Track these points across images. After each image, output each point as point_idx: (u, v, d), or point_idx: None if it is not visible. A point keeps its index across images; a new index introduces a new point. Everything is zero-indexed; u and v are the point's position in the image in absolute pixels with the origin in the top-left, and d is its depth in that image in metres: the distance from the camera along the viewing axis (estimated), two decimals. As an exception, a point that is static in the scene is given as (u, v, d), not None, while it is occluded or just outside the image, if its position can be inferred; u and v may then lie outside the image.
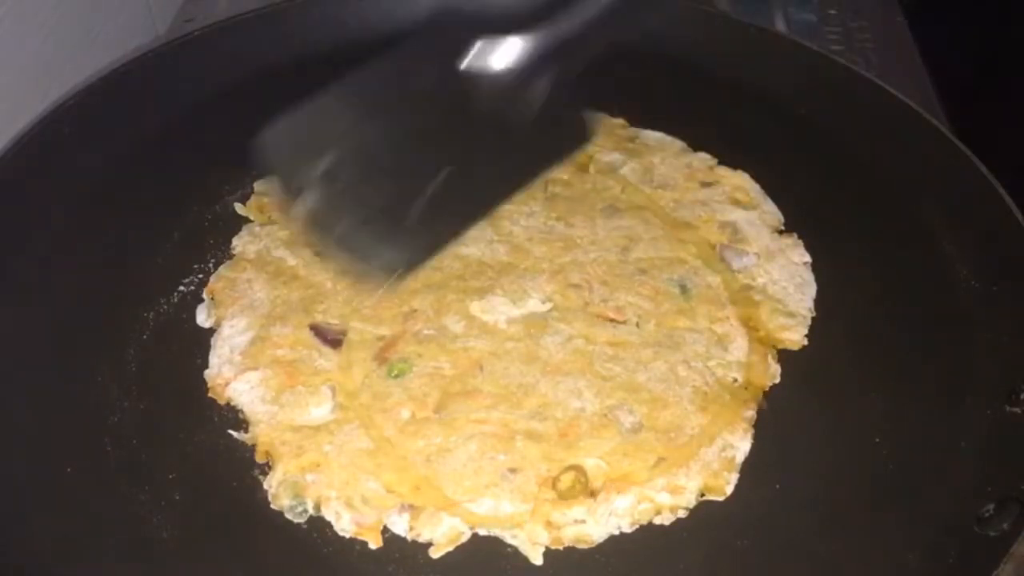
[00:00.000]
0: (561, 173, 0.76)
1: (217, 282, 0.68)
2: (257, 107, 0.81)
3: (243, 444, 0.60)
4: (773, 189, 0.77)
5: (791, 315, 0.67)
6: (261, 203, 0.75)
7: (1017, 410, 0.60)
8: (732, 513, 0.57)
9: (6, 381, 0.61)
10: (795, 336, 0.66)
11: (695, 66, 0.87)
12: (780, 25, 1.05)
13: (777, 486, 0.58)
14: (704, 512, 0.57)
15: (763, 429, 0.61)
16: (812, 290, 0.69)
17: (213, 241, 0.72)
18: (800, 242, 0.73)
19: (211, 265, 0.71)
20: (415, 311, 0.65)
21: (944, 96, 0.92)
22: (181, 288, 0.69)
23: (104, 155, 0.76)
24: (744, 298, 0.68)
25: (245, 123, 0.80)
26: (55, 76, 0.84)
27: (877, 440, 0.60)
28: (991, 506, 0.55)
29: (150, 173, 0.76)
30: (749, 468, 0.59)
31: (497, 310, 0.66)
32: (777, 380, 0.64)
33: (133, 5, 0.97)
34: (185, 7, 1.07)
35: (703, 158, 0.79)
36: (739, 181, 0.76)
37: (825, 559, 0.55)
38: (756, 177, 0.77)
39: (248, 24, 0.86)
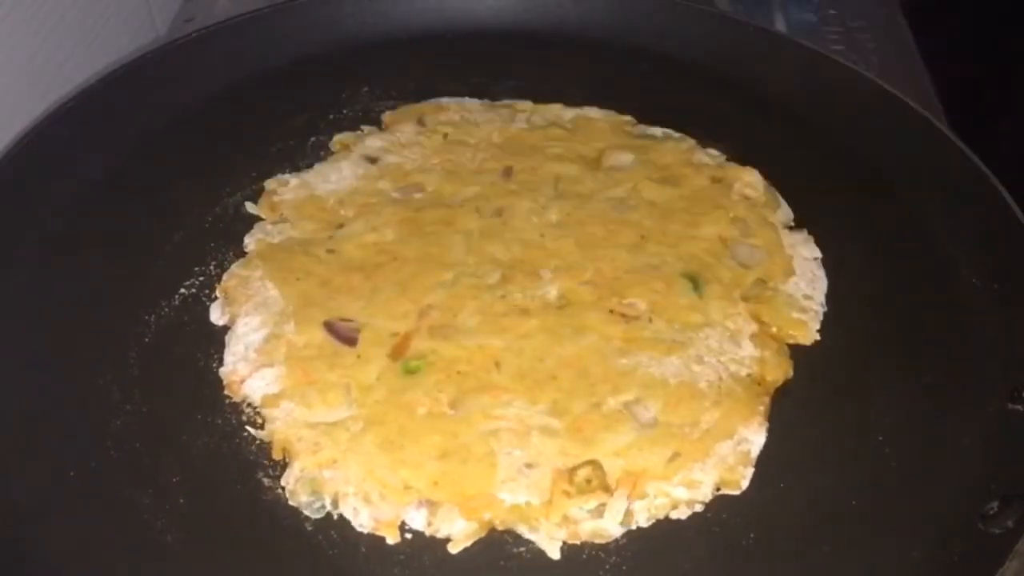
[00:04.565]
0: (571, 170, 0.76)
1: (230, 280, 0.68)
2: (257, 107, 0.83)
3: (247, 446, 0.60)
4: (771, 186, 0.77)
5: (803, 310, 0.67)
6: (271, 201, 0.74)
7: (1019, 407, 0.60)
8: (740, 509, 0.57)
9: (7, 385, 0.60)
10: (807, 331, 0.66)
11: (695, 66, 0.87)
12: (780, 25, 1.05)
13: (782, 484, 0.58)
14: (715, 507, 0.57)
15: (772, 425, 0.61)
16: (823, 285, 0.69)
17: (214, 244, 0.72)
18: (810, 238, 0.73)
19: (212, 267, 0.70)
20: (429, 308, 0.65)
21: (944, 96, 0.92)
22: (182, 290, 0.68)
23: (104, 155, 0.75)
24: (756, 294, 0.68)
25: (245, 123, 0.81)
26: (55, 76, 0.84)
27: (880, 438, 0.60)
28: (995, 504, 0.55)
29: (150, 174, 0.76)
30: (757, 464, 0.59)
31: (511, 307, 0.65)
32: (790, 375, 0.64)
33: (133, 5, 0.97)
34: (185, 7, 1.06)
35: (713, 155, 0.79)
36: (749, 178, 0.76)
37: (829, 556, 0.55)
38: (757, 176, 0.78)
39: (248, 24, 0.86)
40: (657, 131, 0.81)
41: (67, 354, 0.63)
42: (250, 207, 0.74)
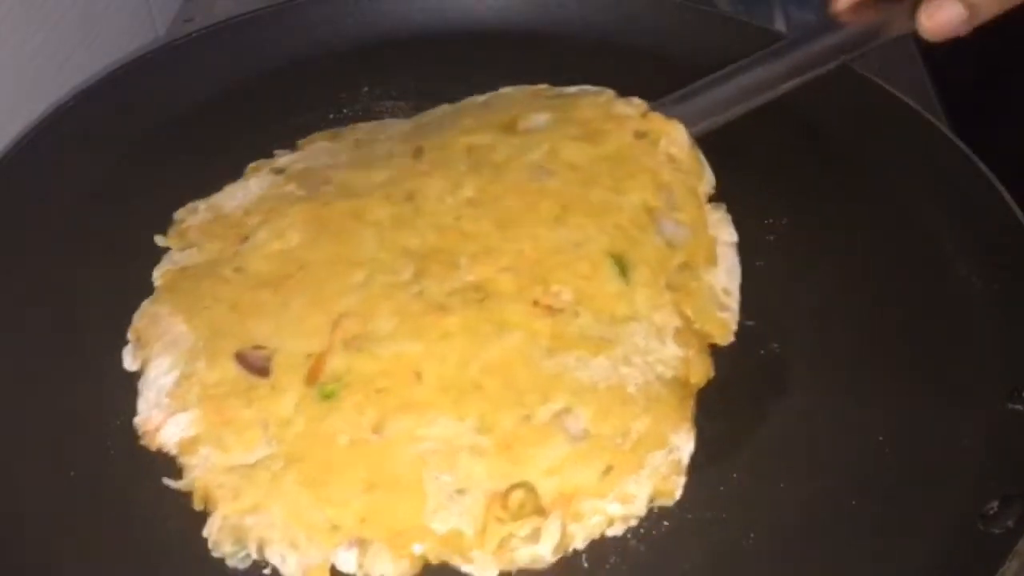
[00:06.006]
0: (484, 139, 0.70)
1: (141, 320, 0.63)
2: (257, 107, 0.83)
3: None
4: (772, 186, 0.76)
5: (723, 307, 0.63)
6: (181, 230, 0.69)
7: (1019, 407, 0.60)
8: (740, 509, 0.57)
9: (7, 385, 0.60)
10: (726, 331, 0.63)
11: (694, 66, 0.87)
12: (780, 25, 1.05)
13: (782, 484, 0.58)
14: (714, 507, 0.57)
15: (772, 427, 0.61)
16: (739, 274, 0.66)
17: (214, 243, 0.72)
18: (728, 216, 0.68)
19: (211, 267, 0.70)
20: (342, 317, 0.59)
21: (944, 96, 0.92)
22: (183, 290, 0.68)
23: (104, 156, 0.76)
24: (680, 282, 0.63)
25: (245, 123, 0.81)
26: (55, 76, 0.84)
27: (880, 438, 0.60)
28: (995, 503, 0.55)
29: (150, 174, 0.76)
30: (754, 466, 0.59)
31: (428, 304, 0.60)
32: (712, 376, 0.61)
33: (133, 5, 0.97)
34: (185, 7, 1.07)
35: (635, 103, 0.73)
36: (674, 133, 0.70)
37: (827, 558, 0.55)
38: (755, 177, 0.77)
39: (248, 24, 0.86)
40: (572, 89, 0.76)
41: (68, 354, 0.63)
42: (159, 240, 0.69)
